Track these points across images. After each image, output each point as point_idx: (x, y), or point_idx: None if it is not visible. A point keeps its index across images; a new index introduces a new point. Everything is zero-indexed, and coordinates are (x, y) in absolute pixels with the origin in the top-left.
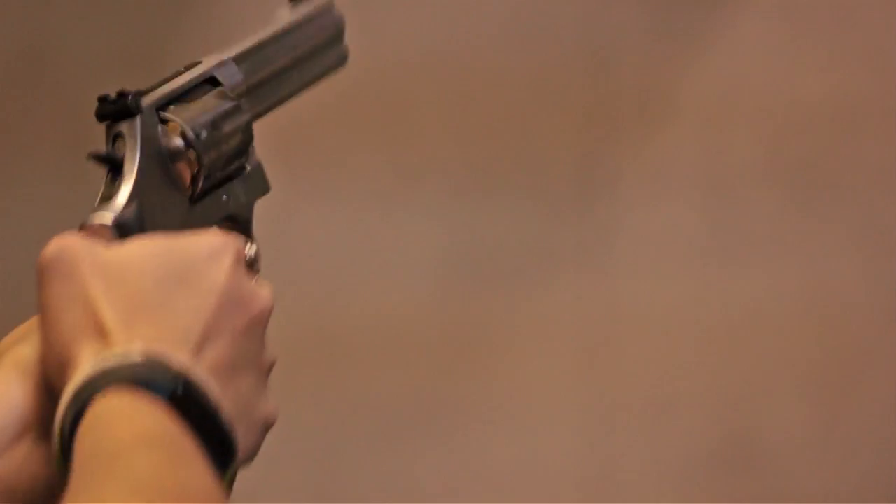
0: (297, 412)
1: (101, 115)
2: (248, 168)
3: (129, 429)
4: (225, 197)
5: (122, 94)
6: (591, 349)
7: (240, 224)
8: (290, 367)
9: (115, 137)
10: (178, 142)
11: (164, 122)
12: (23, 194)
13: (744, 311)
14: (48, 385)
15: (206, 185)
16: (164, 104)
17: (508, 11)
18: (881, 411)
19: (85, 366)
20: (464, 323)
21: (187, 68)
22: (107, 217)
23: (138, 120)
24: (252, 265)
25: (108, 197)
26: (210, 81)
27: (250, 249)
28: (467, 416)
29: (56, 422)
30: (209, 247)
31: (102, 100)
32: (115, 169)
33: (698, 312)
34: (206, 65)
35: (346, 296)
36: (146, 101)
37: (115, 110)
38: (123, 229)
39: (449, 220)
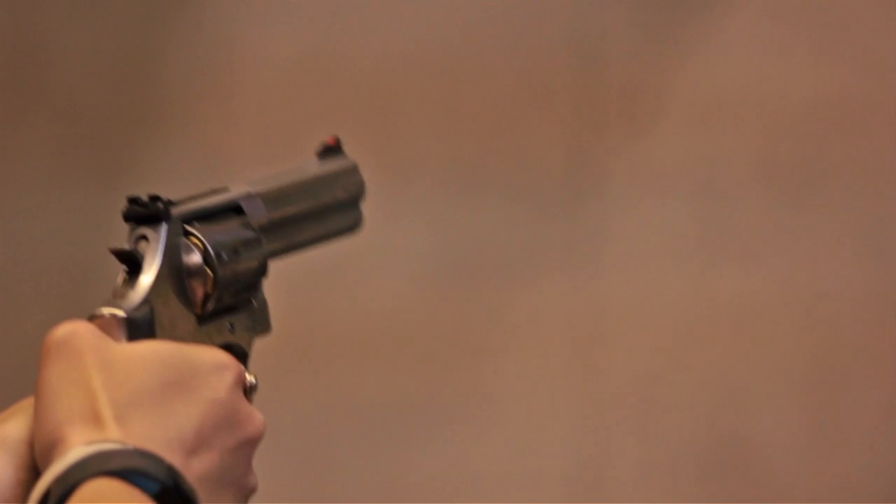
0: (284, 412)
1: (129, 216)
2: (255, 304)
3: None
4: (229, 325)
5: (153, 199)
6: (580, 349)
7: (237, 355)
8: (276, 366)
9: (137, 238)
10: (197, 258)
11: (188, 235)
12: (15, 196)
13: (734, 311)
14: (34, 463)
15: (215, 308)
16: (190, 218)
17: (496, 10)
18: (872, 411)
19: (75, 449)
20: (452, 322)
21: (214, 192)
22: (119, 312)
23: (165, 227)
24: (248, 392)
25: (123, 294)
26: (235, 209)
27: (250, 377)
28: (455, 416)
29: (33, 497)
30: (214, 361)
31: (133, 201)
32: (132, 268)
33: (688, 312)
34: (233, 192)
35: (334, 295)
36: (175, 211)
37: (145, 214)
38: (134, 327)
39: (437, 219)
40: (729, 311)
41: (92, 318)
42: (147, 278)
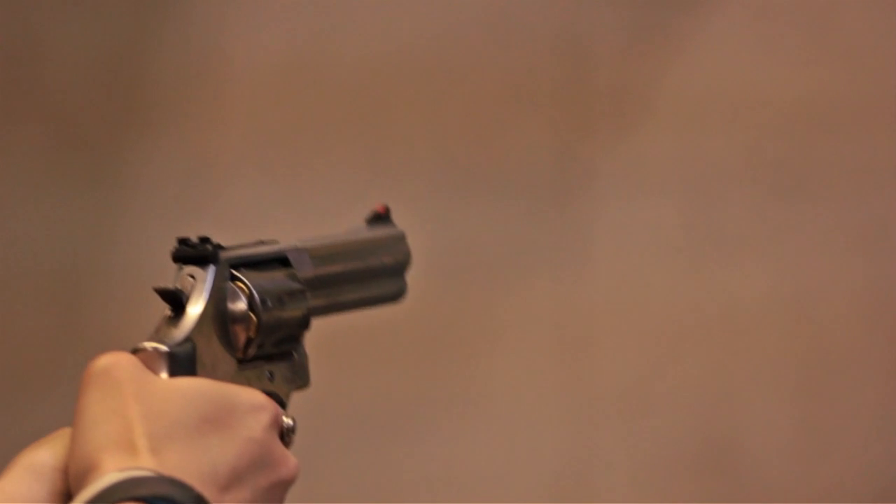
0: None
1: (178, 257)
2: (296, 356)
3: None
4: (269, 373)
5: (203, 241)
6: (568, 348)
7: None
8: None
9: (183, 278)
10: (242, 302)
11: (234, 280)
12: (2, 196)
13: (722, 311)
14: (66, 490)
15: (256, 354)
16: (237, 264)
17: (485, 10)
18: (862, 411)
19: (109, 474)
20: (441, 321)
21: (262, 242)
22: (161, 346)
23: (212, 269)
24: (284, 436)
25: (166, 331)
26: (282, 261)
27: (287, 420)
28: (444, 416)
29: None
30: (252, 400)
31: (182, 241)
32: (176, 308)
33: (676, 311)
34: (281, 245)
35: None
36: (223, 255)
37: (194, 255)
38: (175, 362)
39: (424, 219)
40: (717, 311)
41: (134, 351)
42: (191, 317)
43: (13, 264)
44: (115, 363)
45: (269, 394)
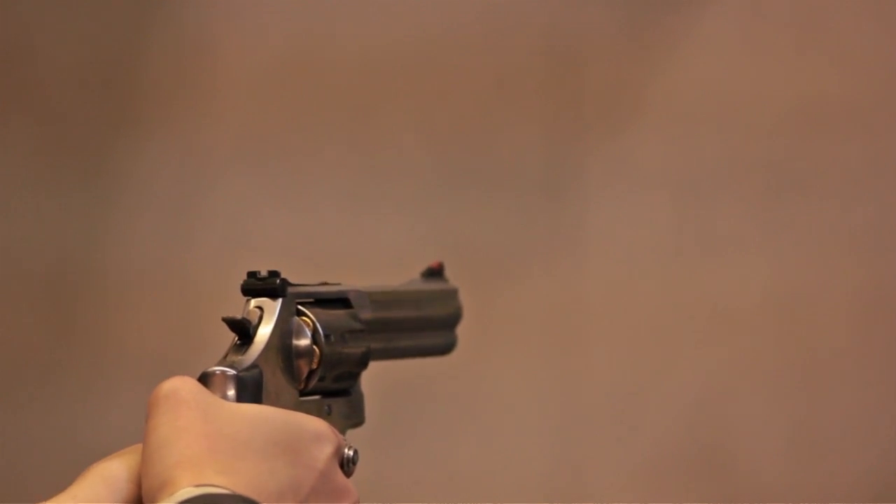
0: None
1: (247, 290)
2: (353, 394)
3: None
4: (327, 407)
5: (272, 274)
6: (560, 346)
7: None
8: None
9: (251, 310)
10: (306, 336)
11: (300, 314)
12: None
13: (712, 310)
14: (134, 499)
15: (316, 387)
16: (303, 300)
17: (476, 8)
18: (850, 410)
19: (185, 489)
20: None
21: (326, 283)
22: (230, 370)
23: (280, 302)
24: (345, 465)
25: (234, 357)
26: (343, 302)
27: (349, 450)
28: (434, 416)
29: None
30: (316, 429)
31: (252, 275)
32: (243, 337)
33: (667, 310)
34: (344, 286)
35: None
36: (290, 289)
37: (262, 288)
38: (242, 386)
39: (416, 217)
40: (710, 310)
41: (203, 375)
42: (258, 345)
43: (4, 262)
44: (182, 386)
45: None
